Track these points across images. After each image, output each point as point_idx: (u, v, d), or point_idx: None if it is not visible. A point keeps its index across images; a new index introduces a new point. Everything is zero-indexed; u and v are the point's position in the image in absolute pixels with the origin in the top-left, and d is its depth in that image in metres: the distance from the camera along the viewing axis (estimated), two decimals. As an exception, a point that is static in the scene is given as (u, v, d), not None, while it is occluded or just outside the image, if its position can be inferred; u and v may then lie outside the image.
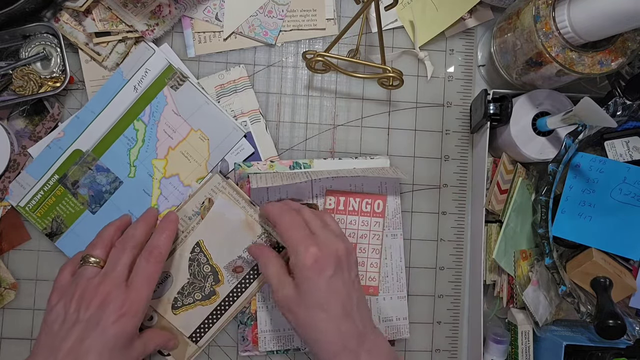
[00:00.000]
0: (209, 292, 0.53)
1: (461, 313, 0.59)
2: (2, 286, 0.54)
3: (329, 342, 0.43)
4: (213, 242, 0.53)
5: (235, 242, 0.53)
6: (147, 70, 0.55)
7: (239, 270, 0.53)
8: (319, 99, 0.58)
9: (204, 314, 0.53)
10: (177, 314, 0.53)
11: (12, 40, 0.54)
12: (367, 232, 0.56)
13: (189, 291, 0.53)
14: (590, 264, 0.52)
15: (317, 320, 0.43)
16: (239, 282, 0.54)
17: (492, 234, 0.55)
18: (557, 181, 0.51)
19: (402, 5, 0.58)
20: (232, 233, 0.53)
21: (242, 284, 0.54)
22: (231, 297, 0.54)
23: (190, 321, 0.53)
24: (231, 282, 0.54)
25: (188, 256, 0.53)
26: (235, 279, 0.54)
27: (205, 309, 0.53)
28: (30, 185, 0.54)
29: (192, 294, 0.53)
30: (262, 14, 0.57)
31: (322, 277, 0.44)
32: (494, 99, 0.54)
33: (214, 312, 0.54)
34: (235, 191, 0.53)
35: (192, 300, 0.53)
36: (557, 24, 0.45)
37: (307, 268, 0.44)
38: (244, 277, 0.54)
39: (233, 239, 0.53)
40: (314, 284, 0.43)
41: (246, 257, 0.53)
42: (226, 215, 0.53)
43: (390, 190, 0.57)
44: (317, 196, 0.56)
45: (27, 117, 0.55)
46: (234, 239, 0.53)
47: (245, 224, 0.53)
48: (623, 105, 0.50)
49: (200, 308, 0.53)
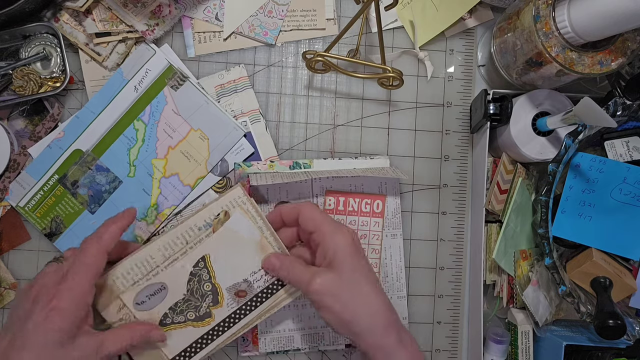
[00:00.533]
0: (204, 313, 0.48)
1: (461, 313, 0.59)
2: (2, 286, 0.54)
3: (382, 314, 0.44)
4: (220, 260, 0.47)
5: (244, 264, 0.48)
6: (147, 71, 0.55)
7: (241, 294, 0.48)
8: (319, 99, 0.58)
9: (193, 336, 0.48)
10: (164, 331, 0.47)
11: (12, 40, 0.54)
12: (366, 232, 0.56)
13: (182, 308, 0.47)
14: (590, 264, 0.52)
15: (367, 295, 0.44)
16: (239, 308, 0.48)
17: (492, 234, 0.55)
18: (557, 181, 0.51)
19: (402, 5, 0.58)
20: (242, 253, 0.48)
21: (242, 310, 0.48)
22: (227, 323, 0.48)
23: (177, 342, 0.47)
24: (230, 306, 0.48)
25: (190, 270, 0.47)
26: (235, 303, 0.48)
27: (196, 331, 0.48)
28: (30, 185, 0.54)
29: (185, 313, 0.47)
30: (262, 14, 0.57)
31: (360, 255, 0.45)
32: (494, 99, 0.54)
33: (205, 335, 0.48)
34: (254, 208, 0.48)
35: (184, 319, 0.47)
36: (557, 24, 0.45)
37: (348, 246, 0.44)
38: (245, 303, 0.48)
39: (242, 260, 0.48)
40: (357, 261, 0.45)
41: (252, 282, 0.48)
42: (240, 233, 0.47)
43: (390, 190, 0.57)
44: (317, 196, 0.56)
45: (27, 117, 0.55)
46: (243, 260, 0.48)
47: (259, 246, 0.48)
48: (623, 105, 0.50)
49: (190, 329, 0.47)
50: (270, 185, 0.55)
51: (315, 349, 0.56)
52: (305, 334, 0.55)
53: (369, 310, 0.44)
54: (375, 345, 0.43)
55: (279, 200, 0.55)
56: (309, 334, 0.55)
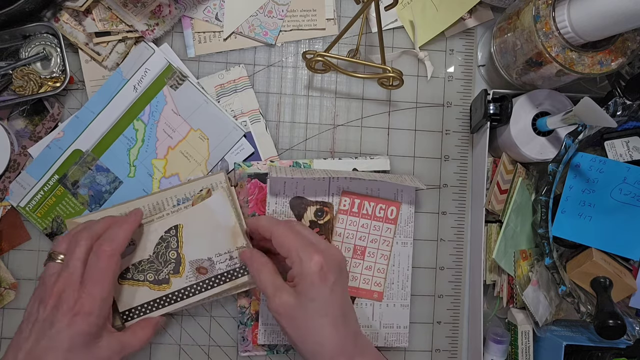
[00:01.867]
0: (163, 278, 0.50)
1: (461, 313, 0.59)
2: (2, 286, 0.54)
3: (328, 346, 0.43)
4: (191, 233, 0.50)
5: (212, 243, 0.51)
6: (146, 70, 0.55)
7: (202, 271, 0.51)
8: (319, 99, 0.58)
9: (146, 297, 0.50)
10: (121, 284, 0.50)
11: (12, 40, 0.54)
12: (377, 237, 0.56)
13: (144, 268, 0.50)
14: (590, 264, 0.52)
15: (319, 326, 0.43)
16: (197, 283, 0.51)
17: (492, 234, 0.55)
18: (557, 181, 0.51)
19: (402, 5, 0.58)
20: (213, 233, 0.51)
21: (199, 286, 0.51)
22: (181, 294, 0.50)
23: (129, 298, 0.50)
24: (189, 279, 0.50)
25: (161, 234, 0.50)
26: (194, 277, 0.51)
27: (150, 293, 0.50)
28: (30, 185, 0.54)
29: (146, 273, 0.50)
30: (262, 14, 0.57)
31: (327, 284, 0.44)
32: (494, 99, 0.54)
33: (158, 299, 0.50)
34: (233, 197, 0.52)
35: (143, 279, 0.50)
36: (557, 24, 0.45)
37: (312, 274, 0.44)
38: (203, 280, 0.51)
39: (211, 239, 0.51)
40: (319, 291, 0.44)
41: (215, 262, 0.51)
42: (217, 213, 0.51)
43: (406, 198, 0.56)
44: (333, 195, 0.55)
45: (27, 117, 0.55)
46: (212, 240, 0.51)
47: (231, 232, 0.51)
48: (623, 105, 0.50)
49: (146, 290, 0.50)
50: (288, 180, 0.54)
51: (315, 349, 0.56)
52: (305, 333, 0.55)
53: (317, 341, 0.44)
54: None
55: (295, 195, 0.55)
56: (309, 334, 0.55)
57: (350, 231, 0.56)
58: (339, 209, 0.56)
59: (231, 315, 0.56)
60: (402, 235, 0.56)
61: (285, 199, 0.55)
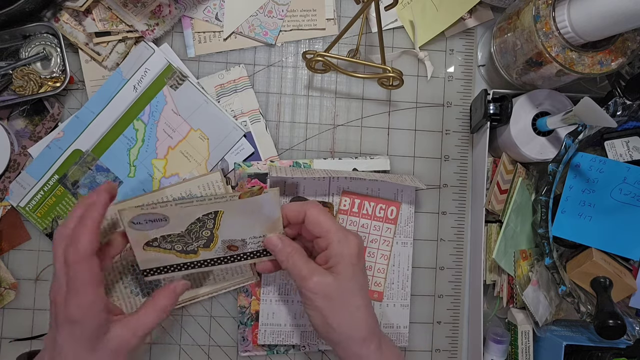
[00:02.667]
0: (191, 250, 0.48)
1: (461, 313, 0.59)
2: (2, 286, 0.54)
3: (363, 326, 0.44)
4: (230, 220, 0.48)
5: (249, 229, 0.48)
6: (146, 70, 0.55)
7: (233, 249, 0.49)
8: (319, 99, 0.58)
9: (171, 261, 0.48)
10: (146, 250, 0.47)
11: (12, 40, 0.54)
12: (377, 237, 0.56)
13: (172, 240, 0.47)
14: (590, 264, 0.52)
15: (354, 307, 0.44)
16: (224, 257, 0.49)
17: (492, 234, 0.55)
18: (557, 181, 0.51)
19: (402, 5, 0.58)
20: (254, 222, 0.48)
21: (226, 259, 0.50)
22: (207, 262, 0.49)
23: (152, 260, 0.48)
24: (217, 253, 0.49)
25: (199, 216, 0.47)
26: (223, 253, 0.49)
27: (175, 259, 0.48)
28: (30, 185, 0.54)
29: (174, 244, 0.47)
30: (262, 14, 0.57)
31: (361, 265, 0.46)
32: (494, 99, 0.54)
33: (181, 264, 0.49)
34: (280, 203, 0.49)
35: (170, 247, 0.47)
36: (557, 24, 0.45)
37: (352, 255, 0.45)
38: (232, 255, 0.50)
39: (250, 226, 0.48)
40: (359, 271, 0.45)
41: (247, 243, 0.49)
42: (264, 209, 0.48)
43: (406, 198, 0.57)
44: (333, 195, 0.56)
45: (27, 117, 0.55)
46: (250, 227, 0.48)
47: (272, 224, 0.48)
48: (623, 105, 0.50)
49: (172, 256, 0.48)
50: (288, 179, 0.55)
51: (315, 349, 0.56)
52: (305, 331, 0.55)
53: (353, 322, 0.44)
54: (354, 354, 0.44)
55: (295, 194, 0.55)
56: (310, 332, 0.55)
57: (350, 231, 0.56)
58: (339, 209, 0.56)
59: (231, 315, 0.56)
60: (402, 235, 0.57)
61: (286, 199, 0.55)
